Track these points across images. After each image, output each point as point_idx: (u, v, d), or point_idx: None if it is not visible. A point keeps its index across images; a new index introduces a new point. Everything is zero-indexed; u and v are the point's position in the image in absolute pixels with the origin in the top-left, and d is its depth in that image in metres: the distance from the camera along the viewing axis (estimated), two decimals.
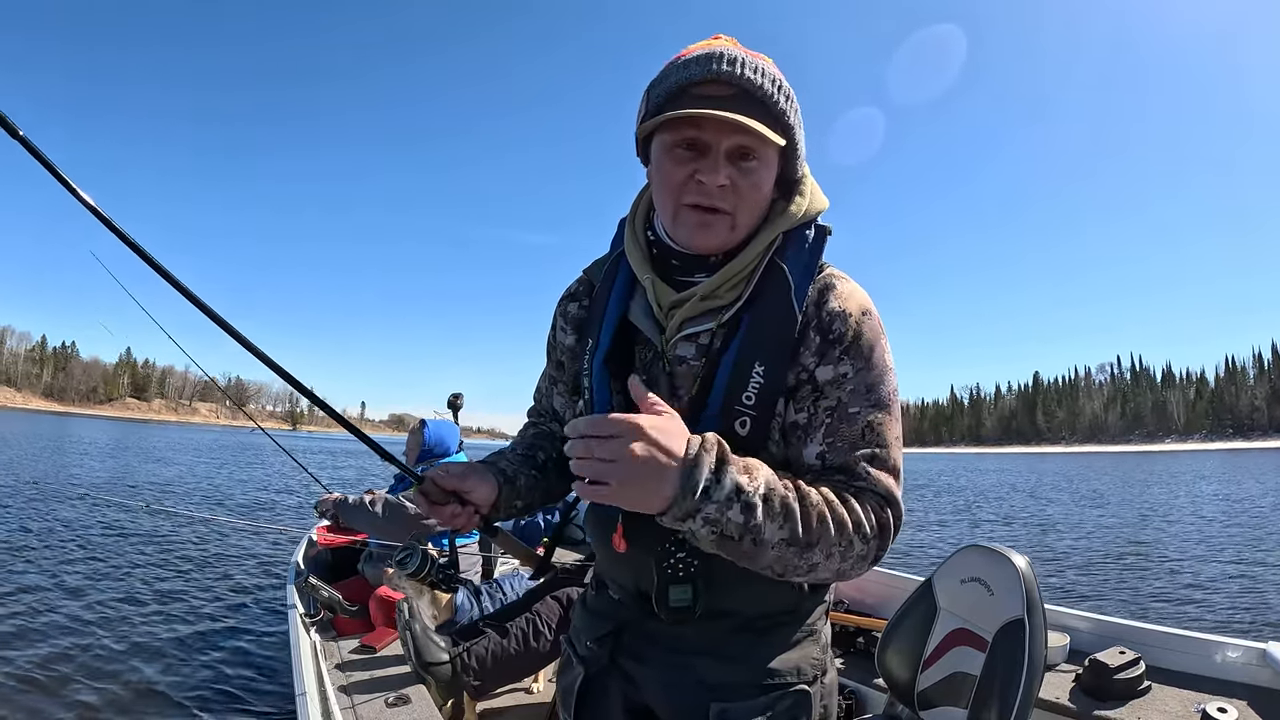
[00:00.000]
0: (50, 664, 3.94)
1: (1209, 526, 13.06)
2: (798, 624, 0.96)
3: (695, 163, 0.84)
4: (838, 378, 0.85)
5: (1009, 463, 68.77)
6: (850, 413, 0.84)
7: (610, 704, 1.01)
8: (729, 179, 0.83)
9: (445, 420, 3.43)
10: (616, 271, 0.99)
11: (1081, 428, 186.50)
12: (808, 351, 0.86)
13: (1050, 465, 59.40)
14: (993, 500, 20.51)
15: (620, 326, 0.95)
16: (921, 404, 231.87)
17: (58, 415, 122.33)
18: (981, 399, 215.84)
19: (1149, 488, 24.91)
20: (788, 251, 0.90)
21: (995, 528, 13.65)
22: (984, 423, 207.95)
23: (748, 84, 0.82)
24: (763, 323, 0.86)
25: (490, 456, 1.06)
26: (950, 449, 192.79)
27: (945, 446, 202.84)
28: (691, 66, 0.84)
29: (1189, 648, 2.17)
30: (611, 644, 1.00)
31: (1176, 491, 22.62)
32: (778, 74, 0.85)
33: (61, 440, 33.80)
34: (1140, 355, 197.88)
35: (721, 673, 0.93)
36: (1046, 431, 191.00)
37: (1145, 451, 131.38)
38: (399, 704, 2.22)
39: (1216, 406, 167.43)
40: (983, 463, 70.15)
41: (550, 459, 1.09)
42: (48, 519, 9.03)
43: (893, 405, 0.86)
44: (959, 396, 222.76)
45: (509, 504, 1.01)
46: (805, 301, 0.87)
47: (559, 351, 1.08)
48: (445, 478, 0.93)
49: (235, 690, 3.83)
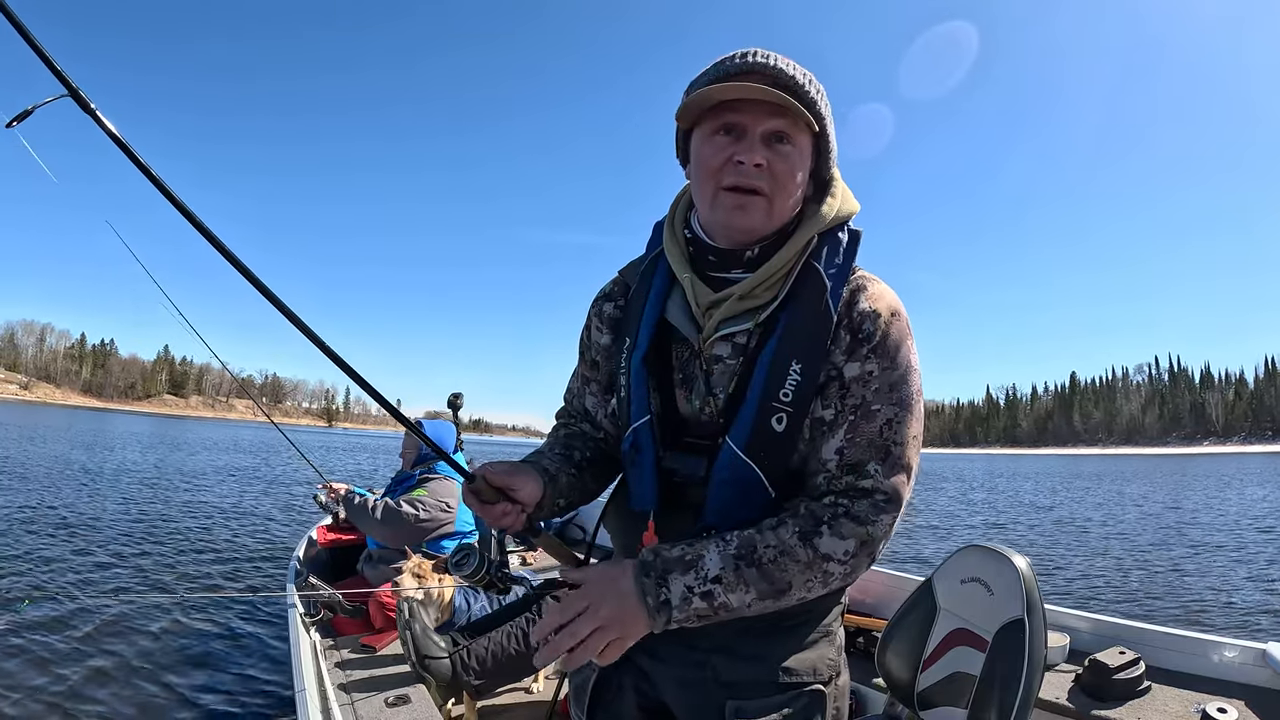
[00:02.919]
0: (47, 663, 3.94)
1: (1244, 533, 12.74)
2: (814, 624, 0.97)
3: (733, 146, 0.87)
4: (863, 375, 0.88)
5: (1044, 465, 67.41)
6: (872, 410, 0.87)
7: (624, 701, 1.02)
8: (765, 160, 0.86)
9: (442, 420, 3.43)
10: (654, 272, 1.01)
11: (1119, 429, 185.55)
12: (838, 349, 0.89)
13: (1085, 467, 57.89)
14: (1010, 499, 20.38)
15: (658, 326, 0.97)
16: (957, 404, 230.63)
17: (96, 411, 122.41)
18: (1017, 400, 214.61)
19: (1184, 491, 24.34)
20: (823, 253, 0.92)
21: (993, 529, 13.66)
22: (1020, 423, 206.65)
23: (781, 75, 0.86)
24: (799, 322, 0.89)
25: (530, 456, 1.05)
26: (986, 450, 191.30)
27: (980, 447, 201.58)
28: (726, 63, 0.88)
29: (1189, 648, 2.17)
30: None
31: (1227, 495, 21.96)
32: (808, 72, 0.89)
33: (99, 434, 33.97)
34: (1178, 356, 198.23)
35: (737, 670, 0.94)
36: (1083, 433, 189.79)
37: (1183, 454, 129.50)
38: (399, 704, 2.22)
39: (1256, 408, 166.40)
40: (1017, 464, 69.16)
41: (586, 458, 1.08)
42: (48, 518, 9.02)
43: (914, 405, 0.89)
44: (995, 397, 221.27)
45: (553, 502, 1.00)
46: (839, 302, 0.90)
47: (594, 351, 1.10)
48: (496, 475, 0.91)
49: (235, 690, 3.83)
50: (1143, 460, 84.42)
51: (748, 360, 0.91)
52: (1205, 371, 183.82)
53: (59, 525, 8.42)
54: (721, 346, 0.93)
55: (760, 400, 0.87)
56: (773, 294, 0.91)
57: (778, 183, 0.87)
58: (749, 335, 0.91)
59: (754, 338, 0.91)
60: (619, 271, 1.10)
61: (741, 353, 0.92)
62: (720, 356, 0.93)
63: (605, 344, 1.07)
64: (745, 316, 0.91)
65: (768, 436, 0.87)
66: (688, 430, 0.96)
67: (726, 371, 0.93)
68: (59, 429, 36.06)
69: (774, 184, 0.87)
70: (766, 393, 0.87)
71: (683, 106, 0.90)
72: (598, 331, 1.08)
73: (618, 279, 1.09)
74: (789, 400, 0.87)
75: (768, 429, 0.87)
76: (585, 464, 1.08)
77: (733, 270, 0.93)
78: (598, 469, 1.09)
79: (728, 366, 0.93)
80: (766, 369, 0.88)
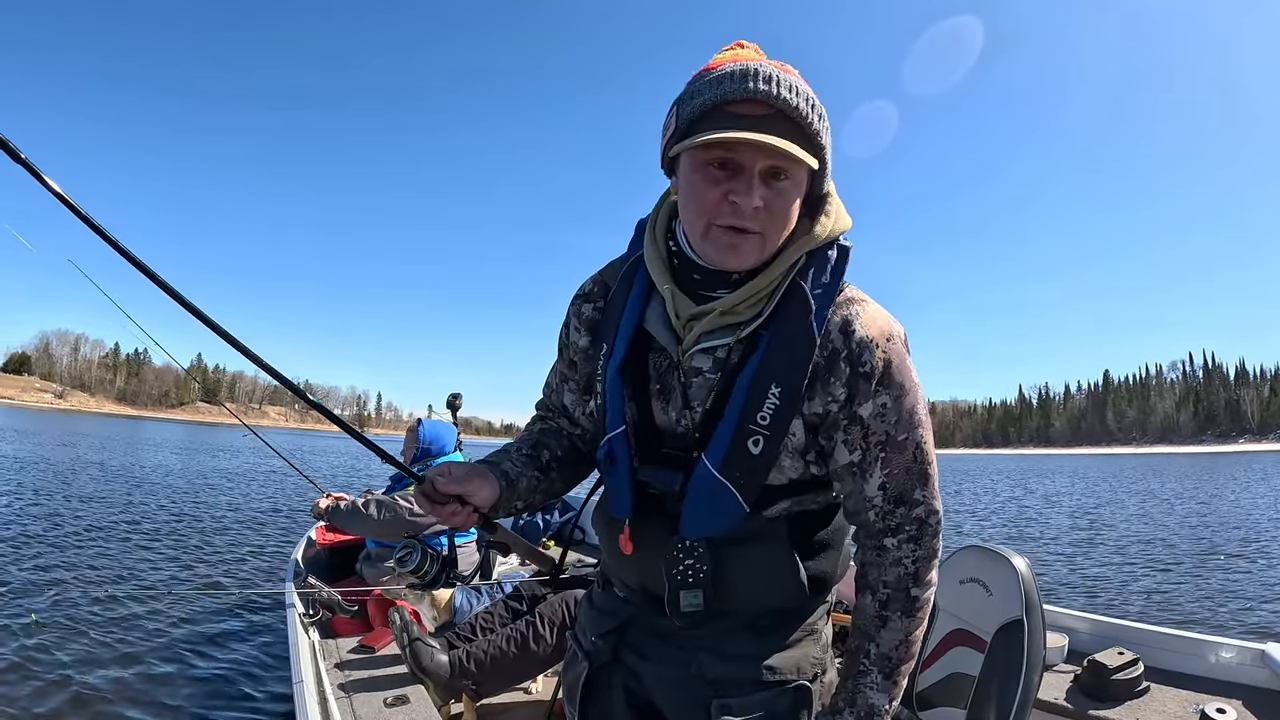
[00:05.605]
0: (45, 662, 3.92)
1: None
2: (799, 623, 0.98)
3: (729, 182, 0.83)
4: (879, 410, 0.88)
5: (1077, 464, 66.23)
6: (899, 440, 0.89)
7: (614, 698, 1.04)
8: (763, 199, 0.82)
9: (441, 420, 3.44)
10: (634, 275, 0.99)
11: (1153, 428, 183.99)
12: (837, 382, 0.88)
13: (1119, 466, 56.51)
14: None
15: (635, 334, 0.96)
16: (989, 404, 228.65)
17: (130, 419, 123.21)
18: (1050, 399, 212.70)
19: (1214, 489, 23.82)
20: (810, 271, 0.90)
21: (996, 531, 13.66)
22: (1053, 423, 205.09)
23: (784, 105, 0.81)
24: (782, 344, 0.87)
25: (494, 455, 1.05)
26: (1019, 450, 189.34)
27: (1013, 448, 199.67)
28: (726, 83, 0.81)
29: (1187, 648, 2.17)
30: (615, 640, 1.03)
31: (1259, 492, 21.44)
32: (809, 91, 0.84)
33: (119, 439, 33.96)
34: (1213, 352, 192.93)
35: (723, 669, 0.95)
36: (1117, 432, 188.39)
37: (1218, 452, 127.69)
38: (398, 704, 2.22)
39: None
40: (1050, 464, 68.29)
41: (555, 457, 1.08)
42: (51, 515, 9.01)
43: (927, 417, 0.92)
44: (1027, 396, 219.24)
45: (509, 505, 1.01)
46: (826, 324, 0.88)
47: (571, 351, 1.08)
48: (446, 481, 0.93)
49: (234, 690, 3.81)
50: (1177, 459, 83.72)
51: (726, 375, 0.90)
52: (1240, 368, 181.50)
53: (59, 526, 8.40)
54: (701, 359, 0.92)
55: (738, 422, 0.87)
56: (755, 311, 0.89)
57: (773, 221, 0.85)
58: (729, 350, 0.90)
59: (734, 353, 0.90)
60: (600, 271, 1.08)
61: (721, 367, 0.91)
62: (699, 369, 0.92)
63: (583, 346, 1.06)
64: (726, 331, 0.90)
65: (744, 457, 0.88)
66: (663, 441, 0.96)
67: (705, 385, 0.92)
68: (81, 435, 35.84)
69: (769, 222, 0.84)
70: (744, 415, 0.87)
71: (674, 139, 0.86)
72: (576, 332, 1.07)
73: (597, 278, 1.07)
74: (766, 424, 0.87)
75: (744, 451, 0.87)
76: (554, 464, 1.08)
77: (717, 290, 0.91)
78: (567, 469, 1.10)
79: (706, 380, 0.92)
80: (745, 391, 0.87)
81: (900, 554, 0.91)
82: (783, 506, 0.94)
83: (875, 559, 0.93)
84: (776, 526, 0.94)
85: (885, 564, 0.92)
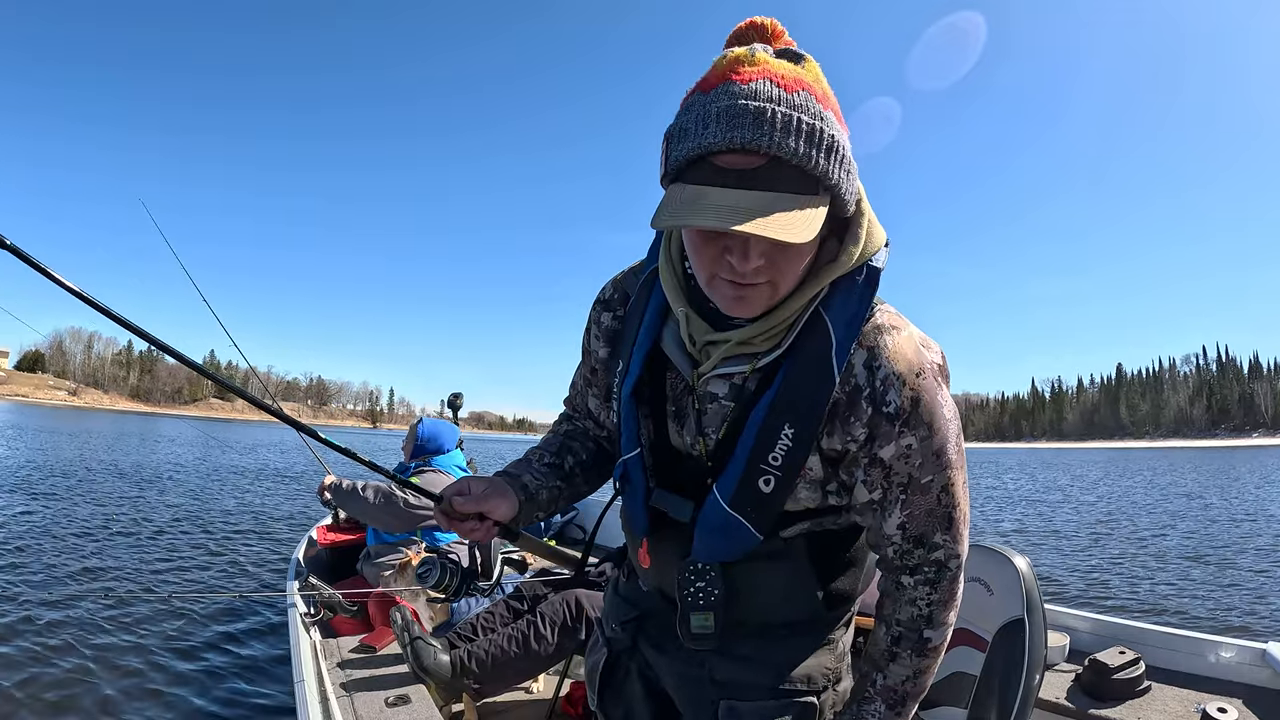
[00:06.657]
0: (43, 662, 3.94)
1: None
2: (814, 634, 0.98)
3: (724, 239, 0.74)
4: (903, 452, 0.83)
5: (1091, 458, 65.54)
6: (924, 483, 0.85)
7: (632, 685, 1.06)
8: (764, 256, 0.74)
9: (441, 419, 3.45)
10: (652, 287, 0.95)
11: (1166, 421, 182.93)
12: (858, 422, 0.83)
13: (1131, 460, 55.94)
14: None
15: (651, 353, 0.93)
16: (1002, 397, 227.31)
17: (143, 415, 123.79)
18: (1063, 392, 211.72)
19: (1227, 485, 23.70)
20: (834, 300, 0.83)
21: (1000, 530, 13.61)
22: (1065, 416, 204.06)
23: (779, 150, 0.68)
24: (799, 381, 0.82)
25: (516, 465, 1.06)
26: (1031, 444, 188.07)
27: (1025, 441, 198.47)
28: (711, 129, 0.69)
29: (1189, 648, 2.16)
30: (634, 629, 1.05)
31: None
32: (816, 114, 0.71)
33: (128, 436, 34.14)
34: (1226, 345, 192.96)
35: (732, 671, 0.95)
36: (1130, 425, 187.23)
37: (1231, 446, 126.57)
38: (399, 704, 2.22)
39: None
40: (1063, 458, 67.40)
41: (579, 462, 1.09)
42: (51, 515, 9.08)
43: (959, 457, 0.86)
44: (1040, 389, 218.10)
45: (528, 518, 1.02)
46: (848, 359, 0.82)
47: (593, 359, 1.07)
48: (464, 501, 0.94)
49: (234, 690, 3.83)
50: (1189, 453, 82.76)
51: (741, 405, 0.86)
52: (1254, 361, 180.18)
53: (60, 525, 8.45)
54: (717, 384, 0.89)
55: (749, 461, 0.84)
56: (774, 343, 0.84)
57: (782, 272, 0.76)
58: (745, 379, 0.86)
59: (751, 381, 0.86)
60: (621, 274, 1.05)
61: (737, 395, 0.87)
62: (715, 395, 0.89)
63: (603, 357, 1.05)
64: (743, 359, 0.86)
65: (754, 494, 0.85)
66: (679, 462, 0.94)
67: (719, 413, 0.89)
68: (93, 432, 36.10)
69: (777, 273, 0.76)
70: (756, 454, 0.84)
71: (667, 182, 0.76)
72: (596, 340, 1.05)
73: (618, 282, 1.04)
74: (778, 465, 0.83)
75: (755, 488, 0.85)
76: (578, 469, 1.09)
77: (735, 319, 0.85)
78: (593, 472, 1.10)
79: (721, 408, 0.89)
80: (757, 429, 0.83)
81: (915, 594, 0.89)
82: (801, 528, 0.91)
83: (893, 592, 0.92)
84: (794, 545, 0.92)
85: (901, 601, 0.91)
